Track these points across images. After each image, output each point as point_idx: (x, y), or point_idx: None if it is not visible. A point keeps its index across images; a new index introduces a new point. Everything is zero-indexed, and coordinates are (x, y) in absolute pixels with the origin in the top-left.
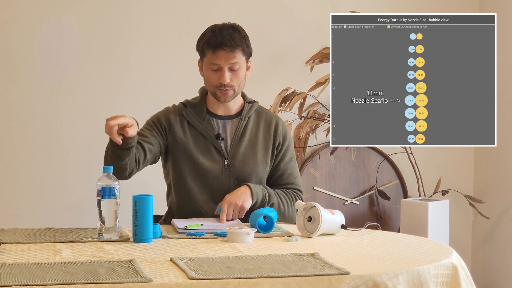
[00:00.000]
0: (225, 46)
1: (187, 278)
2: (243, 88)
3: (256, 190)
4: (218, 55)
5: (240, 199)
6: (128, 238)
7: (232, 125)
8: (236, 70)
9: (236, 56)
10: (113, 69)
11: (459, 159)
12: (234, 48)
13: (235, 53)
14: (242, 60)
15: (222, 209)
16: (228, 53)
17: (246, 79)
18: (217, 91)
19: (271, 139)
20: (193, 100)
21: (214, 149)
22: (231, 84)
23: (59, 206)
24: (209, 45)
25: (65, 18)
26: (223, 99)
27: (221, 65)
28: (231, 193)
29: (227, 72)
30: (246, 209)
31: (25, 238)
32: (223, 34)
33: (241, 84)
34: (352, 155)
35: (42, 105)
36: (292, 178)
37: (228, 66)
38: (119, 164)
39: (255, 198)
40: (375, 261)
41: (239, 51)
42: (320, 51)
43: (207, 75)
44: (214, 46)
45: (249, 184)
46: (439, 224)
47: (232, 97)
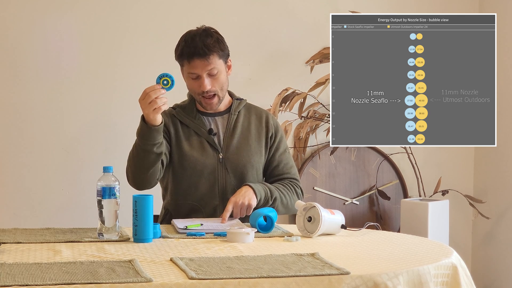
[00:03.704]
0: (198, 55)
1: (187, 278)
2: (227, 88)
3: (257, 188)
4: (193, 65)
5: (246, 197)
6: (128, 238)
7: (223, 120)
8: (215, 74)
9: (212, 62)
10: (114, 69)
11: (459, 159)
12: (208, 55)
13: (210, 60)
14: (220, 63)
15: (226, 209)
16: (203, 61)
17: (241, 79)
18: (202, 100)
19: (263, 131)
20: (182, 103)
21: (207, 145)
22: (213, 89)
23: (59, 206)
24: (183, 56)
25: (65, 18)
26: (209, 107)
27: (199, 73)
28: (235, 194)
29: (206, 79)
30: (253, 206)
31: (25, 238)
32: (195, 43)
33: (224, 87)
34: (352, 155)
35: (42, 105)
36: (288, 168)
37: (206, 73)
38: (151, 162)
39: (259, 196)
40: (375, 261)
41: (214, 57)
42: (320, 51)
43: (188, 84)
44: (188, 56)
45: (249, 183)
46: (439, 224)
47: (218, 104)
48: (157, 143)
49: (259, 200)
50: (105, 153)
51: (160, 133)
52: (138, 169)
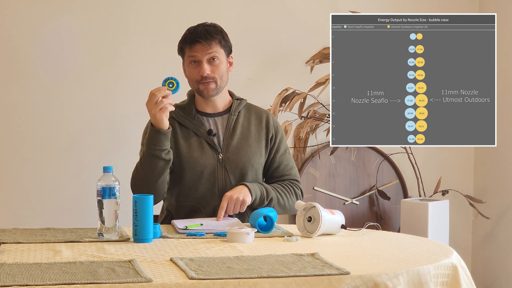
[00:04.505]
0: (200, 38)
1: (187, 278)
2: (226, 83)
3: (253, 187)
4: (195, 49)
5: (241, 193)
6: (128, 238)
7: (223, 121)
8: (215, 62)
9: (213, 48)
10: (114, 69)
11: (459, 159)
12: (210, 41)
13: (212, 45)
14: (221, 52)
15: (221, 206)
16: (204, 45)
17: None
18: (199, 85)
19: (263, 131)
20: (181, 103)
21: (207, 145)
22: (212, 75)
23: (59, 206)
24: (186, 42)
25: (65, 18)
26: (205, 92)
27: (199, 58)
28: (230, 190)
29: (206, 64)
30: (247, 203)
31: (25, 238)
32: (198, 29)
33: (224, 78)
34: (352, 155)
35: (42, 105)
36: (288, 169)
37: (206, 58)
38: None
39: (254, 195)
40: (375, 261)
41: (215, 43)
42: (320, 51)
43: (189, 72)
44: (190, 41)
45: (245, 183)
46: (439, 224)
47: (214, 90)
48: (165, 149)
49: (254, 199)
50: (105, 153)
51: (168, 139)
52: (147, 180)
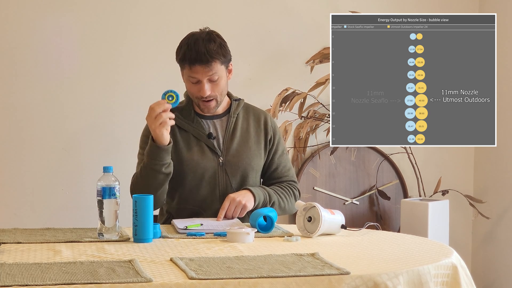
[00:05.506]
0: (200, 61)
1: (187, 278)
2: (226, 92)
3: (257, 192)
4: (194, 70)
5: (244, 197)
6: (128, 238)
7: (222, 123)
8: (216, 80)
9: (213, 69)
10: (113, 69)
11: (459, 159)
12: (210, 62)
13: (212, 66)
14: (221, 69)
15: (223, 206)
16: (204, 68)
17: (241, 79)
18: (200, 103)
19: (262, 133)
20: (180, 105)
21: (207, 148)
22: (213, 94)
23: (59, 206)
24: (185, 60)
25: (65, 18)
26: (206, 111)
27: (199, 78)
28: (234, 193)
29: (206, 84)
30: (249, 208)
31: (25, 238)
32: (198, 47)
33: (223, 92)
34: (352, 155)
35: (42, 105)
36: (286, 171)
37: (206, 79)
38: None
39: (257, 200)
40: (375, 261)
41: (216, 63)
42: (320, 51)
43: (188, 87)
44: (190, 62)
45: (248, 187)
46: (439, 224)
47: (215, 108)
48: (165, 163)
49: (258, 204)
50: (105, 153)
51: (168, 153)
52: (147, 190)
